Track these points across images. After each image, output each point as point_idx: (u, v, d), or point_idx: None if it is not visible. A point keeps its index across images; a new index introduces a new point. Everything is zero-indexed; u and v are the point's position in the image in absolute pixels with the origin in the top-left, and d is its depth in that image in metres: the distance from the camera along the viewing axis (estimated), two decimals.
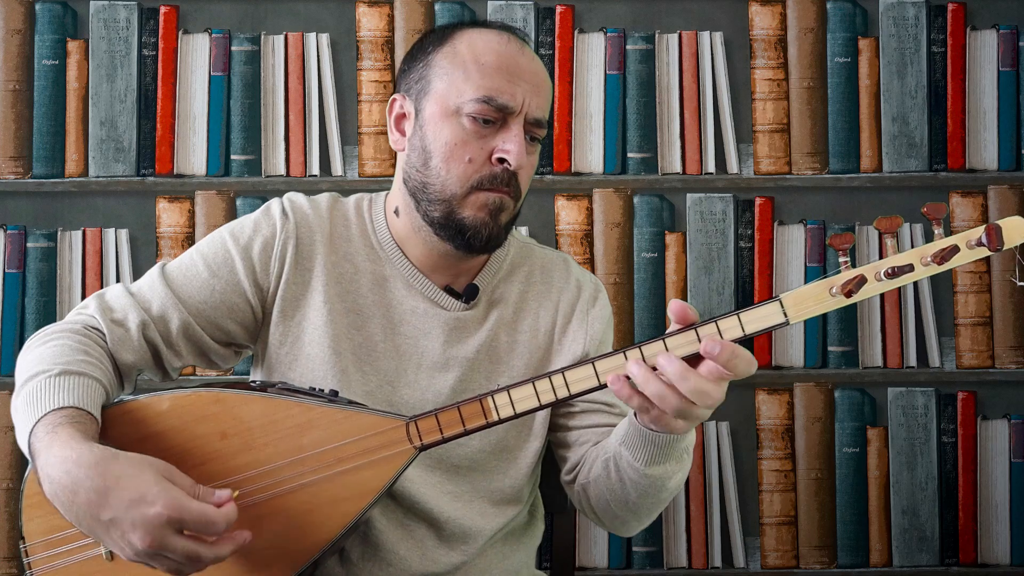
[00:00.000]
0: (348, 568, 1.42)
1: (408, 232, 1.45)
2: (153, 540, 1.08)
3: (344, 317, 1.42)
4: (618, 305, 2.27)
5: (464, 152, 1.36)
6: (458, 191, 1.36)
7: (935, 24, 2.31)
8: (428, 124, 1.38)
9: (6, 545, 2.26)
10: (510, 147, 1.35)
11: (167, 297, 1.39)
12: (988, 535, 2.28)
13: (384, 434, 1.23)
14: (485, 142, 1.36)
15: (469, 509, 1.45)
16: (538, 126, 1.39)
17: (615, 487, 1.35)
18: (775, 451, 2.29)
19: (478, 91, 1.35)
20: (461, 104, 1.35)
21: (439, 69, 1.39)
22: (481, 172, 1.36)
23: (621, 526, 1.44)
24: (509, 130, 1.36)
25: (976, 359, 2.29)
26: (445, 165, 1.36)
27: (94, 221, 2.28)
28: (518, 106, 1.36)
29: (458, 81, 1.36)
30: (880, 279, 1.14)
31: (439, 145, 1.37)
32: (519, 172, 1.38)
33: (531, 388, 1.20)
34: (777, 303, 1.16)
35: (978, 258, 1.14)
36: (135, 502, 1.08)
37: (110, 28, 2.29)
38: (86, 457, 1.11)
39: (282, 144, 2.29)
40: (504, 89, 1.35)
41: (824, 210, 2.31)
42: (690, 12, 2.32)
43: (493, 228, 1.38)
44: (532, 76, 1.39)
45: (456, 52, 1.38)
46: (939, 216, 1.13)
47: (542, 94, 1.40)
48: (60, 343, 1.28)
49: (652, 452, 1.26)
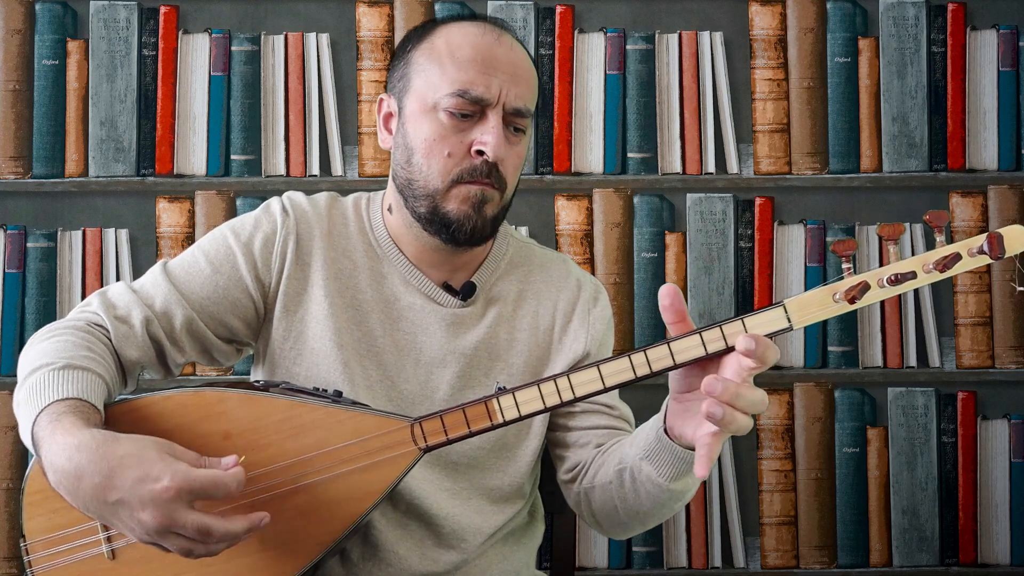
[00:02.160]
0: (348, 568, 1.42)
1: (402, 229, 1.46)
2: (164, 515, 1.07)
3: (345, 311, 1.43)
4: (618, 305, 2.28)
5: (443, 147, 1.37)
6: (440, 185, 1.38)
7: (935, 24, 2.31)
8: (409, 121, 1.40)
9: (6, 545, 2.25)
10: (487, 139, 1.36)
11: (170, 293, 1.39)
12: (988, 535, 2.28)
13: (388, 435, 1.23)
14: (464, 135, 1.37)
15: (467, 507, 1.45)
16: (519, 116, 1.39)
17: (628, 497, 1.34)
18: (775, 451, 2.29)
19: (453, 85, 1.36)
20: (438, 99, 1.37)
21: (417, 66, 1.40)
22: (461, 165, 1.37)
23: (621, 531, 1.44)
24: (487, 122, 1.37)
25: (976, 359, 2.29)
26: (426, 161, 1.38)
27: (94, 221, 2.28)
28: (494, 98, 1.36)
29: (434, 77, 1.38)
30: (883, 286, 1.14)
31: (419, 141, 1.38)
32: (502, 163, 1.38)
33: (536, 391, 1.20)
34: (781, 308, 1.16)
35: (979, 265, 1.14)
36: (141, 480, 1.08)
37: (110, 28, 2.28)
38: (88, 442, 1.11)
39: (282, 144, 2.29)
40: (478, 81, 1.36)
41: (824, 210, 2.31)
42: (690, 12, 2.32)
43: (477, 220, 1.39)
44: (509, 66, 1.39)
45: (433, 48, 1.40)
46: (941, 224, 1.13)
47: (522, 83, 1.40)
48: (63, 339, 1.29)
49: (680, 468, 1.24)
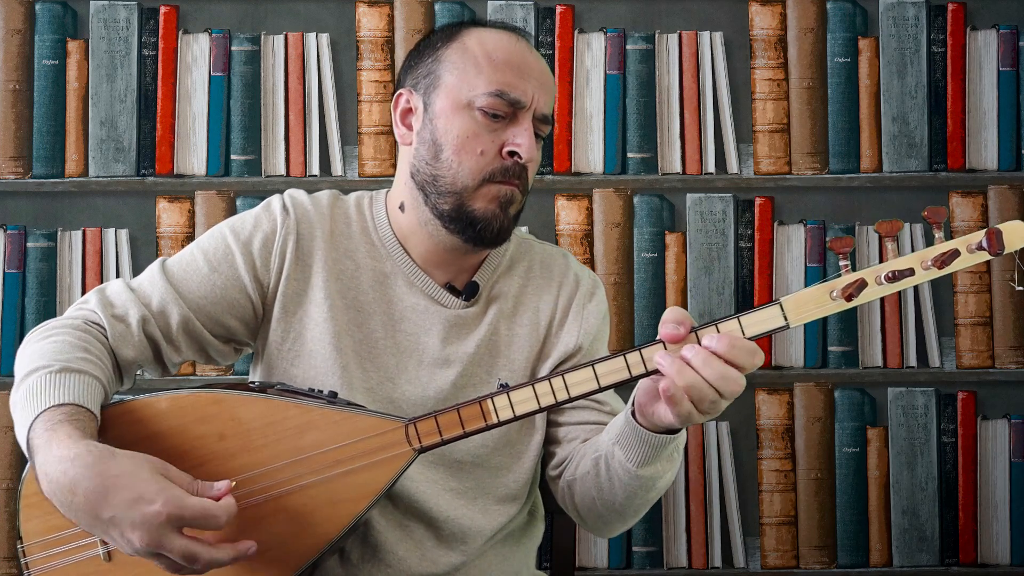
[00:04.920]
0: (348, 569, 1.42)
1: (412, 228, 1.45)
2: (152, 539, 1.09)
3: (345, 313, 1.43)
4: (618, 305, 2.27)
5: (476, 145, 1.37)
6: (470, 183, 1.38)
7: (935, 24, 2.31)
8: (439, 117, 1.40)
9: (5, 545, 2.26)
10: (521, 140, 1.37)
11: (167, 292, 1.39)
12: (988, 535, 2.28)
13: (383, 436, 1.23)
14: (496, 135, 1.38)
15: (471, 507, 1.45)
16: (544, 122, 1.42)
17: (603, 486, 1.35)
18: (775, 451, 2.29)
19: (490, 85, 1.37)
20: (473, 97, 1.37)
21: (449, 64, 1.40)
22: (493, 165, 1.38)
23: (603, 526, 1.45)
24: (519, 124, 1.38)
25: (976, 359, 2.29)
26: (457, 157, 1.38)
27: (94, 221, 2.28)
28: (528, 101, 1.38)
29: (470, 75, 1.38)
30: (880, 283, 1.14)
31: (451, 138, 1.38)
32: (528, 166, 1.40)
33: (531, 391, 1.20)
34: (777, 306, 1.16)
35: (978, 262, 1.14)
36: (134, 501, 1.09)
37: (110, 28, 2.28)
38: (84, 456, 1.11)
39: (282, 144, 2.29)
40: (516, 84, 1.38)
41: (824, 210, 2.31)
42: (690, 12, 2.31)
43: (504, 220, 1.40)
44: (540, 74, 1.41)
45: (466, 48, 1.40)
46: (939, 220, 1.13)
47: (549, 92, 1.42)
48: (60, 339, 1.29)
49: (647, 452, 1.26)
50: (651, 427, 1.24)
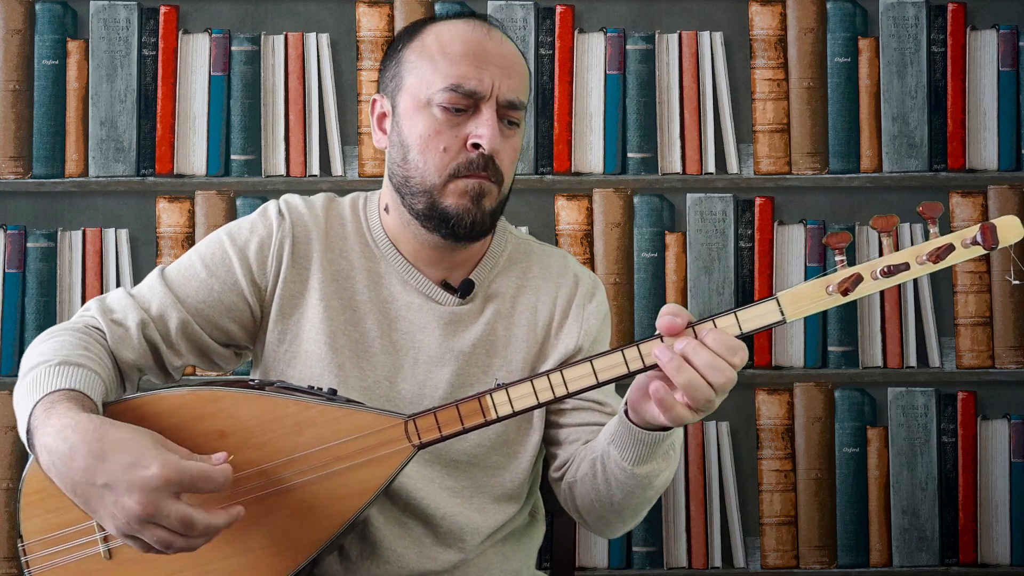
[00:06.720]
0: (347, 566, 1.42)
1: (399, 228, 1.46)
2: (148, 502, 1.08)
3: (341, 314, 1.43)
4: (618, 305, 2.28)
5: (438, 142, 1.37)
6: (437, 181, 1.38)
7: (935, 24, 2.31)
8: (403, 119, 1.40)
9: (6, 545, 2.26)
10: (483, 131, 1.36)
11: (166, 297, 1.40)
12: (988, 535, 2.28)
13: (382, 432, 1.23)
14: (459, 130, 1.37)
15: (468, 506, 1.45)
16: (512, 108, 1.40)
17: (601, 487, 1.35)
18: (775, 451, 2.29)
19: (446, 80, 1.36)
20: (431, 95, 1.37)
21: (409, 64, 1.41)
22: (457, 159, 1.37)
23: (605, 527, 1.45)
24: (481, 115, 1.37)
25: (976, 359, 2.29)
26: (422, 157, 1.38)
27: (94, 221, 2.28)
28: (487, 91, 1.37)
29: (427, 73, 1.38)
30: (876, 277, 1.14)
31: (414, 138, 1.38)
32: (498, 156, 1.38)
33: (529, 387, 1.20)
34: (774, 301, 1.16)
35: (973, 256, 1.14)
36: (132, 465, 1.09)
37: (110, 28, 2.29)
38: (83, 424, 1.12)
39: (282, 144, 2.30)
40: (471, 75, 1.36)
41: (824, 210, 2.31)
42: (690, 12, 2.32)
43: (476, 214, 1.39)
44: (500, 59, 1.39)
45: (424, 45, 1.40)
46: (935, 215, 1.13)
47: (514, 76, 1.40)
48: (61, 339, 1.30)
49: (641, 451, 1.26)
50: (644, 425, 1.24)
